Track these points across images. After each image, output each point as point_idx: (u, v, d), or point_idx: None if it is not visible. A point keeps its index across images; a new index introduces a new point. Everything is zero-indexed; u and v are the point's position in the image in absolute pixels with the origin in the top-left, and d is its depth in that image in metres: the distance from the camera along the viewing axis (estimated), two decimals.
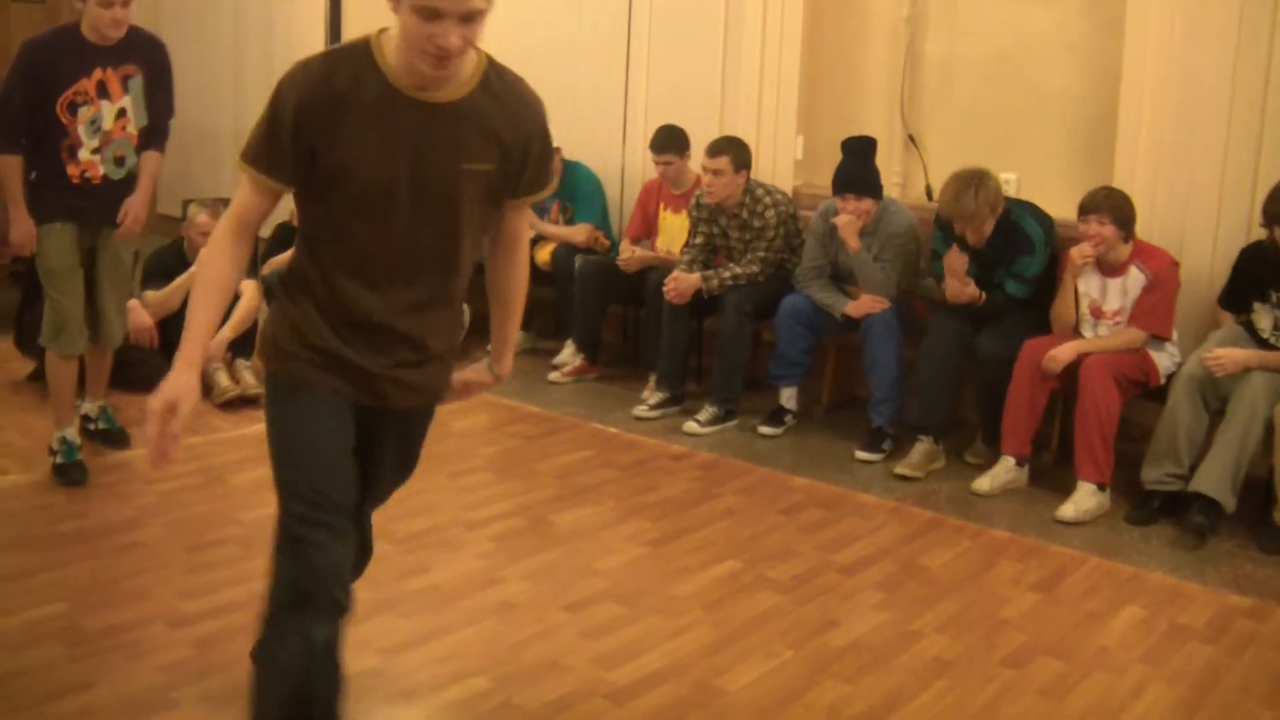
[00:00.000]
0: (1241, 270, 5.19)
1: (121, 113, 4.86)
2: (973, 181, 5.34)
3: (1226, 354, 4.91)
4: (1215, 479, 4.78)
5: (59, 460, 5.00)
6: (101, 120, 4.80)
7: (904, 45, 6.50)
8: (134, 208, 4.95)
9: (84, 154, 4.79)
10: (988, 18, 6.27)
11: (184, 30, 10.36)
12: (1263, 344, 5.01)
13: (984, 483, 5.27)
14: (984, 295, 5.49)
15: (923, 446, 5.54)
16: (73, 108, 4.72)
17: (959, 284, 5.47)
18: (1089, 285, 5.32)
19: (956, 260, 5.47)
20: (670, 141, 6.58)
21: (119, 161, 4.91)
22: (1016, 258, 5.44)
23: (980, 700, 3.53)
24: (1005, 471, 5.30)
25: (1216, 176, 5.39)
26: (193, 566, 4.18)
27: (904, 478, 5.40)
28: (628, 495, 5.10)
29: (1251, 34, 5.26)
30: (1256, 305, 5.09)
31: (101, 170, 4.85)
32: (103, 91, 4.78)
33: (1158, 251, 5.27)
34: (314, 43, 9.23)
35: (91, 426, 5.38)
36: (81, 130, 4.76)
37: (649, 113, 7.22)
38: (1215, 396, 4.96)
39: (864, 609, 4.11)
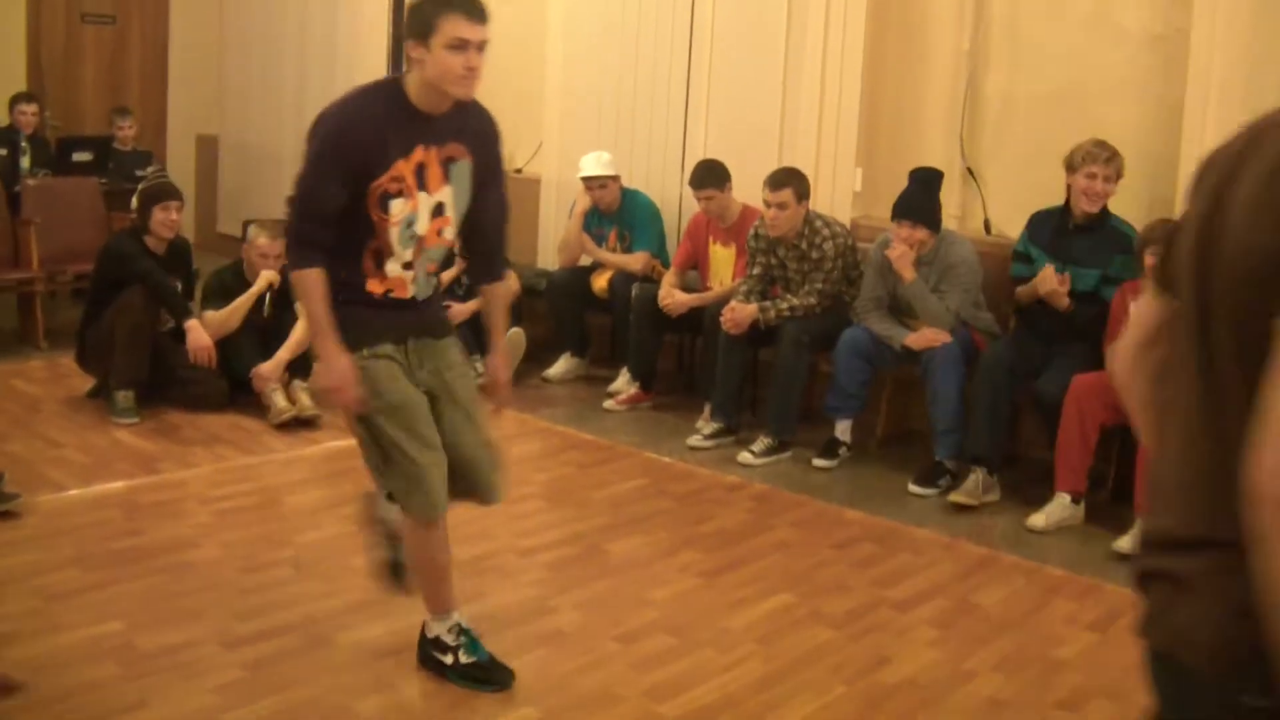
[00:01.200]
0: None
1: (439, 209, 3.48)
2: None
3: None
4: None
5: (463, 660, 3.64)
6: (416, 222, 3.43)
7: (964, 79, 6.48)
8: (500, 376, 3.71)
9: (392, 266, 3.46)
10: (1049, 52, 6.24)
11: (247, 46, 10.50)
12: None
13: (1039, 519, 5.22)
14: (1072, 304, 5.52)
15: (976, 477, 5.50)
16: (384, 200, 3.36)
17: (1057, 292, 5.52)
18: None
19: (1056, 282, 5.51)
20: (708, 176, 6.57)
21: (430, 277, 3.59)
22: (1114, 256, 5.47)
23: None
24: (1061, 509, 5.24)
25: None
26: (247, 588, 4.21)
27: (960, 506, 5.36)
28: (681, 525, 5.08)
29: None
30: None
31: (411, 290, 3.52)
32: (420, 180, 3.42)
33: None
34: (376, 64, 9.31)
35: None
36: (394, 234, 3.41)
37: (709, 142, 7.22)
38: None
39: (917, 646, 4.08)
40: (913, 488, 5.64)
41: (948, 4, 6.55)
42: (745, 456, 5.95)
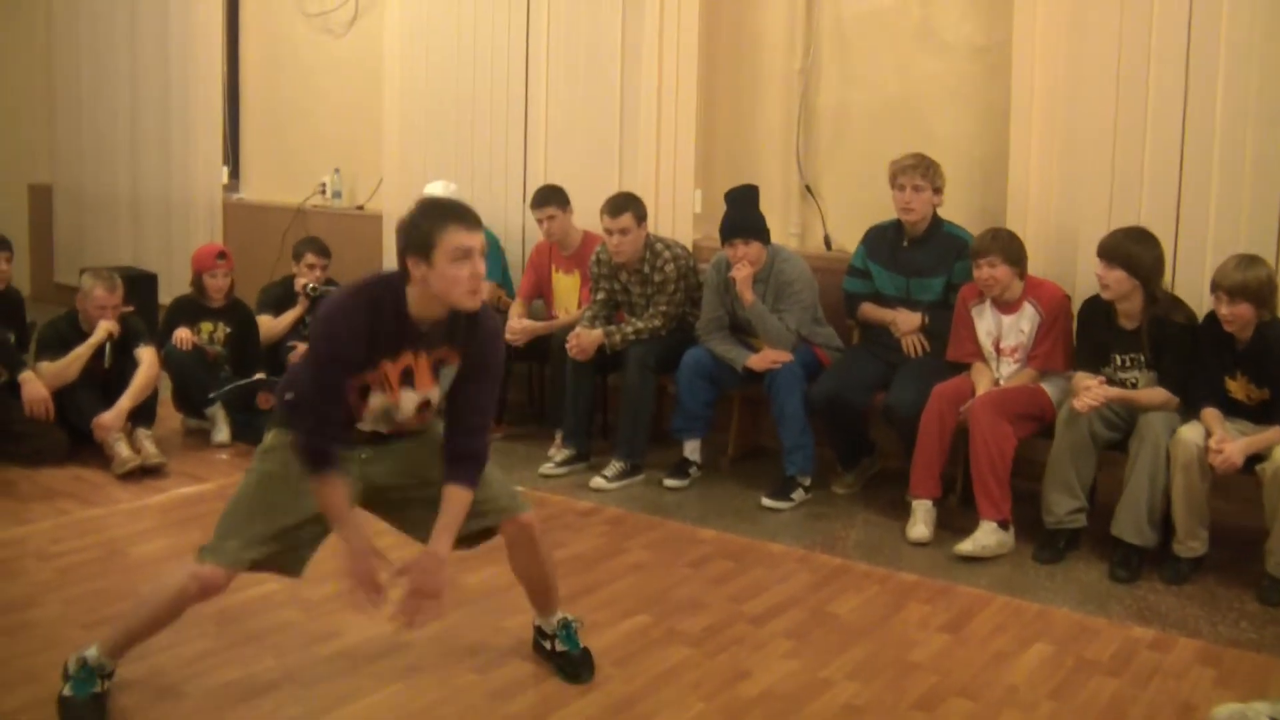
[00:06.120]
0: (1085, 329, 5.29)
1: (424, 404, 3.63)
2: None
3: (1090, 386, 4.95)
4: (1133, 523, 4.85)
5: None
6: (397, 411, 3.60)
7: (798, 96, 6.58)
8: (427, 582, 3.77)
9: (365, 426, 3.64)
10: (878, 66, 6.38)
11: (80, 91, 10.28)
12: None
13: (921, 530, 5.27)
14: (925, 319, 5.78)
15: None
16: (364, 391, 3.52)
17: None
18: (988, 323, 5.40)
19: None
20: (550, 195, 6.59)
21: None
22: (954, 263, 5.67)
23: None
24: (927, 514, 5.31)
25: (1103, 213, 5.49)
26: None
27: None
28: None
29: (1130, 75, 5.40)
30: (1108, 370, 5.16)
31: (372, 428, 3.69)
32: (407, 380, 3.54)
33: (1049, 286, 5.37)
34: (211, 107, 9.19)
35: (546, 644, 4.06)
36: (368, 415, 3.59)
37: (548, 170, 7.23)
38: (1105, 428, 5.02)
39: (774, 658, 4.10)
40: (765, 502, 5.69)
41: (779, 24, 6.66)
42: (598, 482, 5.95)
